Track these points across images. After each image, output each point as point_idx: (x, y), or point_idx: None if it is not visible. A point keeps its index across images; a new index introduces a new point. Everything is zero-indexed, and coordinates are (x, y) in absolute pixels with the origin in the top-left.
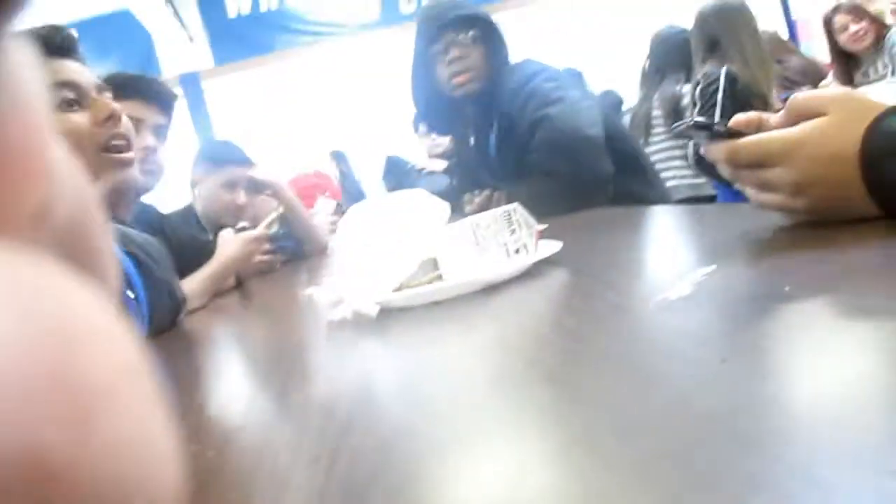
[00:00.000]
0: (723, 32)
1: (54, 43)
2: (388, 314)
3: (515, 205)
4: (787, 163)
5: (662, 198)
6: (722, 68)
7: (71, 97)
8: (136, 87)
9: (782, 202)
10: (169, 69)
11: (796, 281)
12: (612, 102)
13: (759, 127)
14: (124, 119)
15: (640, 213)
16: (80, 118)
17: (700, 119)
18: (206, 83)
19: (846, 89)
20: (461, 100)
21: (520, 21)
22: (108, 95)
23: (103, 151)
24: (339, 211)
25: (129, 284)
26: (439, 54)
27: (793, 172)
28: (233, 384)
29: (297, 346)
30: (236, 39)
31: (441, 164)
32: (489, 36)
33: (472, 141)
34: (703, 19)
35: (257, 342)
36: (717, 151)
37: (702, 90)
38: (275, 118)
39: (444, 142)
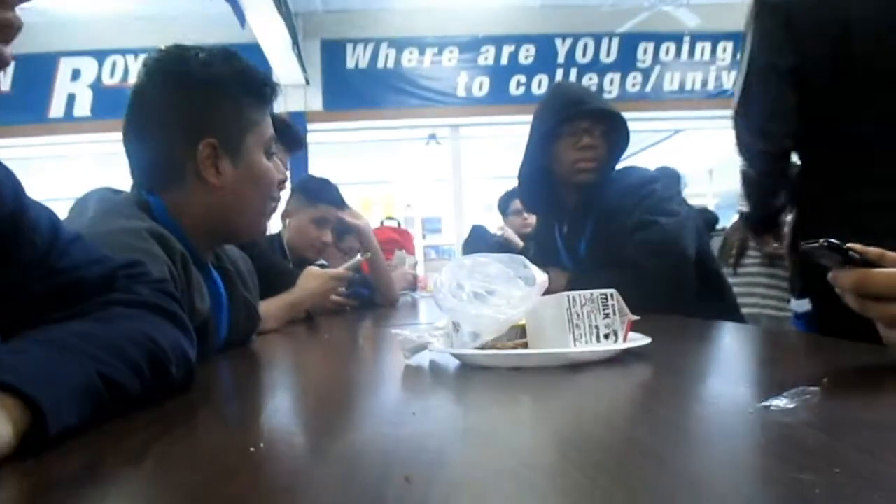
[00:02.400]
0: None
1: (267, 93)
2: (467, 370)
3: (613, 291)
4: None
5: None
6: None
7: (272, 149)
8: (283, 131)
9: None
10: (280, 106)
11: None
12: (707, 221)
13: (884, 262)
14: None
15: (730, 328)
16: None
17: (835, 241)
18: (312, 125)
19: None
20: (568, 185)
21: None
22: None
23: (268, 205)
24: (416, 268)
25: (216, 297)
26: (570, 137)
27: None
28: (292, 404)
29: (368, 382)
30: (348, 90)
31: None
32: (618, 134)
33: (564, 228)
34: None
35: (329, 371)
36: (846, 279)
37: None
38: (367, 169)
39: (534, 222)
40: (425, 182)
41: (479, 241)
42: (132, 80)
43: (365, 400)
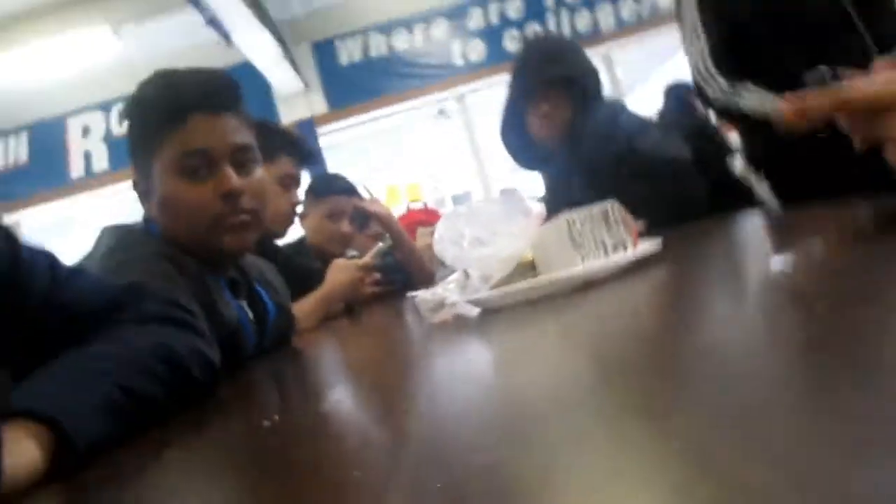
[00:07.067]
0: None
1: (212, 94)
2: (488, 314)
3: (613, 202)
4: None
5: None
6: None
7: (197, 164)
8: (292, 146)
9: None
10: (287, 116)
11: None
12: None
13: None
14: (248, 192)
15: (737, 219)
16: (199, 192)
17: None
18: (321, 128)
19: None
20: (547, 142)
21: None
22: (249, 158)
23: (218, 221)
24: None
25: (264, 310)
26: (532, 103)
27: None
28: (335, 392)
29: (400, 352)
30: (348, 85)
31: None
32: (579, 92)
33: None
34: None
35: (362, 352)
36: (828, 96)
37: None
38: (387, 158)
39: None
40: (444, 159)
41: None
42: None
43: (395, 368)
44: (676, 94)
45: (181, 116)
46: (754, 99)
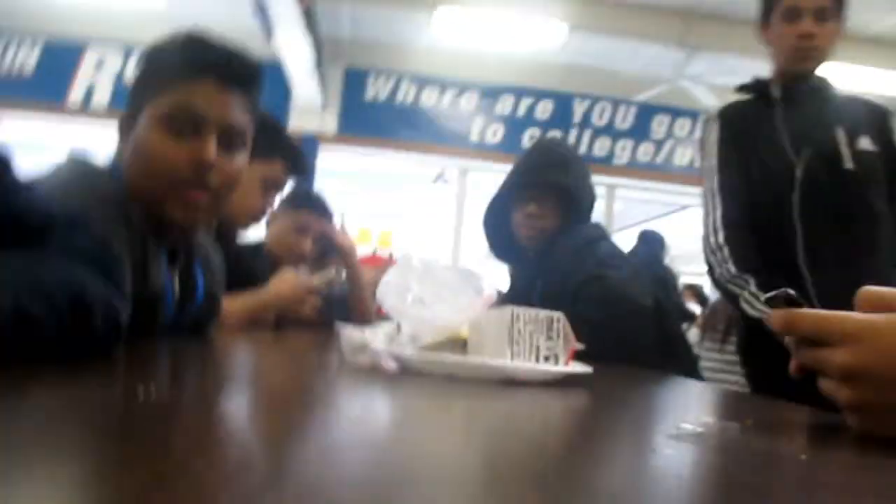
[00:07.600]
0: None
1: (232, 67)
2: (406, 373)
3: (561, 314)
4: (844, 345)
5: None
6: None
7: (183, 123)
8: (290, 152)
9: (830, 388)
10: (295, 125)
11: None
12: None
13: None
14: (220, 171)
15: (678, 379)
16: (174, 150)
17: (793, 292)
18: (323, 148)
19: None
20: (524, 241)
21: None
22: (237, 141)
23: (179, 188)
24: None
25: (193, 291)
26: (520, 202)
27: (847, 356)
28: (225, 392)
29: (306, 379)
30: (364, 119)
31: None
32: (567, 202)
33: (521, 281)
34: None
35: (271, 367)
36: (776, 317)
37: None
38: (371, 201)
39: None
40: (427, 221)
41: None
42: None
43: (296, 394)
44: (648, 240)
45: (193, 74)
46: (750, 305)
